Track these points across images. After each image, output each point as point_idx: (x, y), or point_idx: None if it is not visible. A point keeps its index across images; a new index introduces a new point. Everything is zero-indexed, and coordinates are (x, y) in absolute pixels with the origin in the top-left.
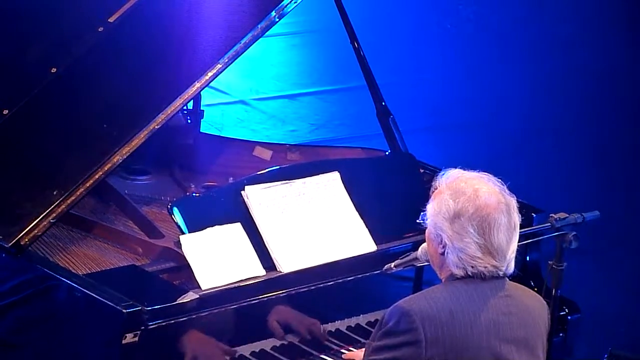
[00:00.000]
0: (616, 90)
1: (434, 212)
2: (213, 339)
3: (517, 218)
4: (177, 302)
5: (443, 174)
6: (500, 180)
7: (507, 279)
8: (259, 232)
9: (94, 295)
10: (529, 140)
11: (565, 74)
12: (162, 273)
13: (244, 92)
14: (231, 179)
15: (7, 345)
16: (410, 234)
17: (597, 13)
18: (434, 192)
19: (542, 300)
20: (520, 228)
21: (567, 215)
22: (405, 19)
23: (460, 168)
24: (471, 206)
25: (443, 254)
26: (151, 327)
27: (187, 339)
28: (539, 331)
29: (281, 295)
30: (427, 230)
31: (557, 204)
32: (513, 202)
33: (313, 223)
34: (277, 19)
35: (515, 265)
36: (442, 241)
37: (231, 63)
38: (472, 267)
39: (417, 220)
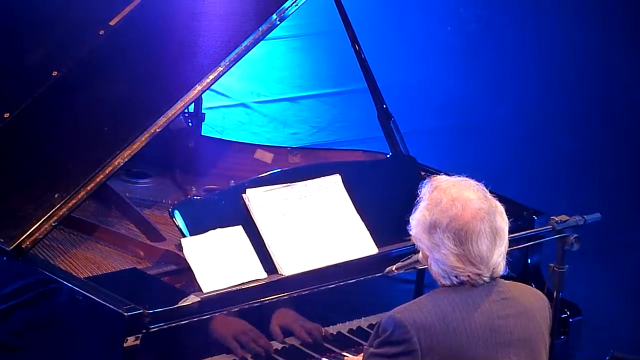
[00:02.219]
0: (618, 92)
1: (415, 223)
2: (214, 342)
3: (501, 222)
4: (178, 305)
5: (427, 182)
6: (482, 183)
7: (503, 280)
8: (260, 235)
9: (95, 298)
10: (530, 142)
11: (566, 76)
12: (163, 276)
13: (245, 94)
14: (232, 181)
15: (9, 348)
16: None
17: (599, 15)
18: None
19: (542, 295)
20: (522, 230)
21: (568, 218)
22: (406, 22)
23: (445, 173)
24: (445, 217)
25: (430, 264)
26: (152, 330)
27: (189, 342)
28: (539, 329)
29: (282, 298)
30: None
31: (559, 206)
32: (497, 206)
33: (314, 226)
34: (278, 22)
35: (515, 268)
36: (424, 252)
37: (232, 66)
38: (455, 276)
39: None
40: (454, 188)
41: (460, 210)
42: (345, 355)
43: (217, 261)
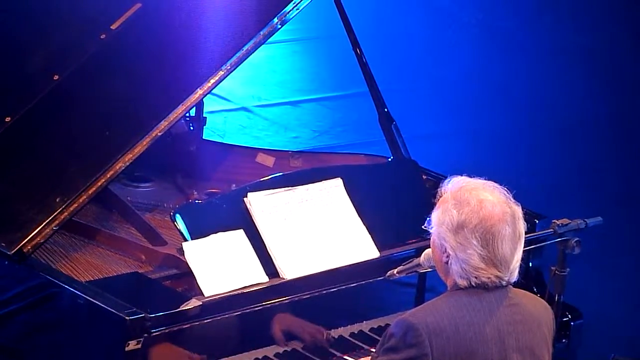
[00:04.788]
0: (621, 95)
1: (439, 221)
2: (216, 346)
3: (522, 227)
4: (180, 309)
5: (449, 181)
6: (506, 188)
7: (511, 286)
8: (261, 239)
9: (97, 302)
10: (532, 146)
11: (569, 79)
12: (165, 280)
13: (247, 98)
14: (234, 185)
15: (11, 352)
16: (413, 241)
17: (601, 17)
18: (439, 199)
19: (547, 304)
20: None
21: (570, 221)
22: (408, 25)
23: (466, 175)
24: (475, 217)
25: (447, 262)
26: (154, 334)
27: (190, 346)
28: (544, 337)
29: (284, 302)
30: (432, 238)
31: (560, 210)
32: (519, 211)
33: (316, 230)
34: (280, 26)
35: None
36: (445, 250)
37: (233, 70)
38: (476, 277)
39: (423, 226)
40: (480, 190)
41: (489, 212)
42: (346, 359)
43: (219, 265)
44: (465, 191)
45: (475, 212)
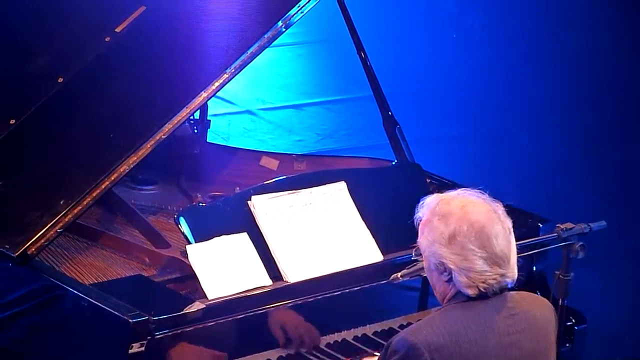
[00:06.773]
0: (623, 98)
1: (429, 242)
2: (219, 349)
3: (508, 222)
4: (183, 312)
5: (422, 205)
6: (480, 189)
7: (511, 293)
8: (265, 242)
9: (101, 305)
10: (535, 150)
11: (572, 84)
12: (168, 283)
13: (251, 102)
14: (237, 188)
15: (14, 354)
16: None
17: (605, 22)
18: (419, 225)
19: (548, 303)
20: (527, 238)
21: (574, 226)
22: (412, 29)
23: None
24: (464, 223)
25: (449, 280)
26: (158, 336)
27: (194, 349)
28: (548, 340)
29: (287, 305)
30: (425, 264)
31: (564, 214)
32: (500, 206)
33: (319, 233)
34: (284, 29)
35: (519, 271)
36: (445, 268)
37: (238, 73)
38: (483, 282)
39: (412, 258)
40: (459, 197)
41: (476, 215)
42: None
43: (222, 268)
44: (444, 204)
45: (462, 218)
